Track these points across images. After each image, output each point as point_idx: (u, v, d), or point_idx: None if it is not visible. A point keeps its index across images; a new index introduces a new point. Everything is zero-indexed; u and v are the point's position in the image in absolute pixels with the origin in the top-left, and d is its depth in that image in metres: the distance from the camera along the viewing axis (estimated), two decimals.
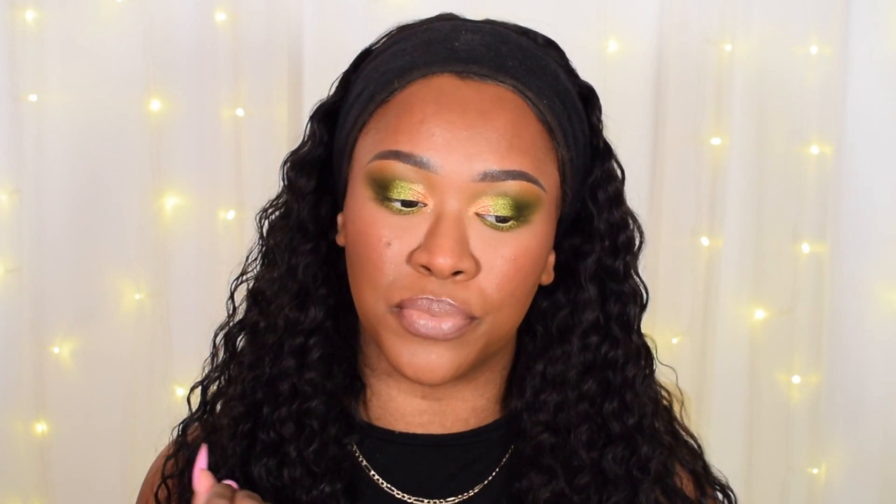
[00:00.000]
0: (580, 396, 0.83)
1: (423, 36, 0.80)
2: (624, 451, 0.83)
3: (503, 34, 0.80)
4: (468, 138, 0.74)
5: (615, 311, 0.84)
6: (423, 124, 0.74)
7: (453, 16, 0.84)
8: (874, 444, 2.02)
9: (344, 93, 0.84)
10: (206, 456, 0.78)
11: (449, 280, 0.73)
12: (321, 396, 0.83)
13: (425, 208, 0.74)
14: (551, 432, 0.83)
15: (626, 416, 0.84)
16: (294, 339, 0.83)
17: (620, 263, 0.84)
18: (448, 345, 0.75)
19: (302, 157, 0.85)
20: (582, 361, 0.83)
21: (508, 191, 0.74)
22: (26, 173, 1.98)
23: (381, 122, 0.77)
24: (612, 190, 0.84)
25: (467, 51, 0.77)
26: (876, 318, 1.99)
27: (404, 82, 0.77)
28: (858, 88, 1.95)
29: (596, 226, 0.83)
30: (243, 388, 0.85)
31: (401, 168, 0.74)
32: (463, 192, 0.74)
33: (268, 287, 0.85)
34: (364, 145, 0.77)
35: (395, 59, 0.79)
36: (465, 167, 0.73)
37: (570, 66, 0.84)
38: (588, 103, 0.84)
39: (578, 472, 0.82)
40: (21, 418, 2.02)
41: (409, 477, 0.84)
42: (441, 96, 0.75)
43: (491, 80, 0.76)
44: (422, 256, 0.73)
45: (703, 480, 0.89)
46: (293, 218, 0.84)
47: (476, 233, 0.74)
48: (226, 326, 0.89)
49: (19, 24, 1.96)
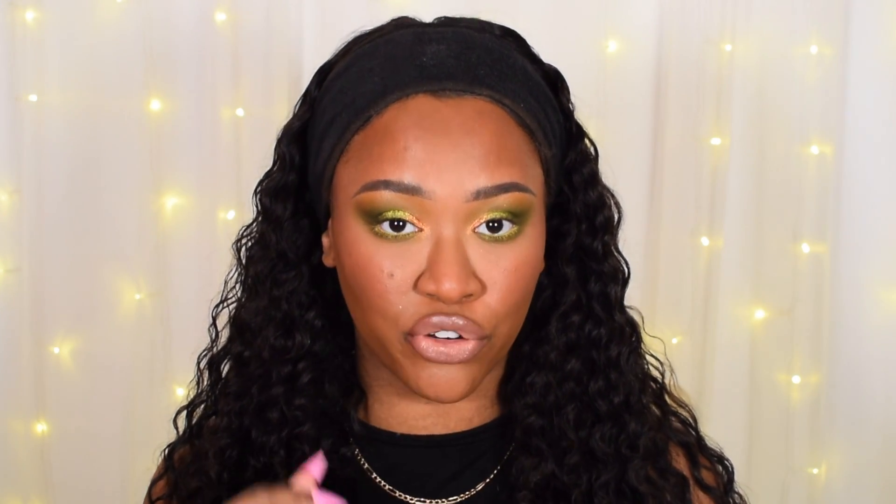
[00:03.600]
0: (565, 376, 0.83)
1: (385, 50, 0.78)
2: (612, 430, 0.83)
3: (467, 38, 0.79)
4: (455, 158, 0.73)
5: (596, 290, 0.83)
6: (408, 151, 0.73)
7: (409, 20, 0.83)
8: (874, 444, 2.02)
9: (311, 112, 0.82)
10: (321, 463, 0.76)
11: (457, 303, 0.73)
12: (311, 420, 0.83)
13: (421, 233, 0.74)
14: (539, 414, 0.82)
15: (612, 395, 0.83)
16: (282, 367, 0.83)
17: (599, 243, 0.83)
18: (462, 364, 0.75)
19: (276, 184, 0.83)
20: (564, 342, 0.83)
21: (502, 204, 0.74)
22: (26, 173, 1.98)
23: (361, 150, 0.75)
24: (586, 171, 0.83)
25: (438, 66, 0.76)
26: (876, 318, 1.99)
27: (380, 108, 0.75)
28: (858, 88, 1.95)
29: (572, 208, 0.83)
30: (229, 419, 0.84)
31: (390, 196, 0.73)
32: (458, 214, 0.73)
33: (251, 318, 0.84)
34: (346, 174, 0.76)
35: (364, 82, 0.77)
36: (458, 188, 0.73)
37: (533, 53, 0.83)
38: (556, 88, 0.83)
39: (567, 452, 0.82)
40: (21, 418, 2.02)
41: (412, 478, 0.84)
42: (421, 119, 0.74)
43: (468, 94, 0.75)
44: (429, 285, 0.73)
45: (694, 451, 0.88)
46: (272, 248, 0.83)
47: (475, 251, 0.74)
48: (209, 352, 0.89)
49: (19, 24, 1.96)
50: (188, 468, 0.87)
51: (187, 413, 0.90)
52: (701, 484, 0.87)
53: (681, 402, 0.91)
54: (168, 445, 0.91)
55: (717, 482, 0.89)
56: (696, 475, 0.87)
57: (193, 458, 0.87)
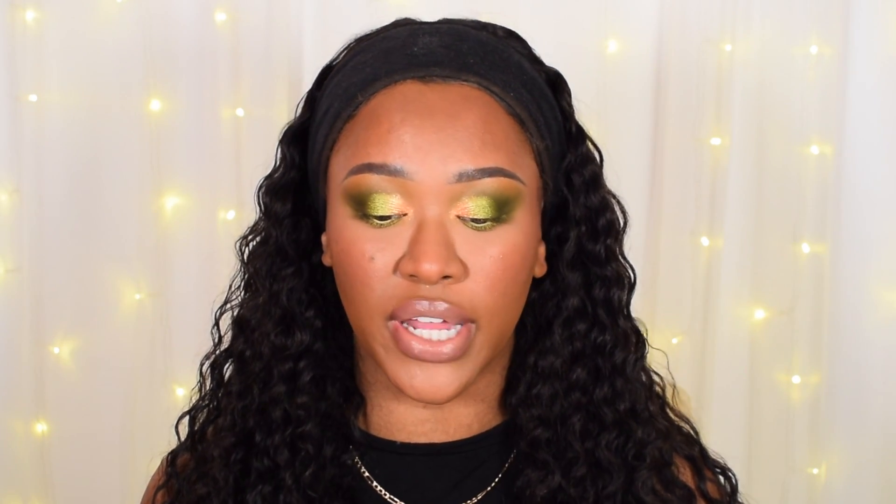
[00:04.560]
0: (571, 386, 0.82)
1: (381, 45, 0.79)
2: (618, 438, 0.82)
3: (461, 32, 0.79)
4: (439, 141, 0.73)
5: (600, 296, 0.83)
6: (392, 133, 0.73)
7: (409, 20, 0.83)
8: (874, 444, 2.02)
9: (311, 112, 0.83)
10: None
11: (439, 285, 0.73)
12: (315, 419, 0.82)
13: (405, 217, 0.74)
14: (545, 426, 0.81)
15: (618, 402, 0.82)
16: (283, 364, 0.83)
17: (602, 247, 0.82)
18: (451, 364, 0.75)
19: (276, 182, 0.84)
20: (570, 350, 0.82)
21: (486, 189, 0.73)
22: (26, 173, 1.98)
23: (350, 137, 0.76)
24: (588, 173, 0.83)
25: (427, 54, 0.76)
26: (876, 318, 1.99)
27: (368, 94, 0.76)
28: (858, 88, 1.95)
29: (572, 211, 0.82)
30: (233, 418, 0.84)
31: (375, 180, 0.73)
32: (441, 196, 0.73)
33: (251, 314, 0.84)
34: (337, 163, 0.77)
35: (356, 73, 0.78)
36: (440, 170, 0.73)
37: (534, 55, 0.83)
38: (556, 89, 0.82)
39: (573, 464, 0.81)
40: (21, 418, 2.02)
41: (413, 487, 0.83)
42: (406, 103, 0.74)
43: (454, 80, 0.75)
44: (408, 265, 0.72)
45: (700, 465, 0.88)
46: (272, 243, 0.83)
47: (460, 236, 0.74)
48: (211, 355, 0.89)
49: (19, 24, 1.96)
50: (191, 475, 0.86)
51: (190, 418, 0.90)
52: (707, 497, 0.87)
53: (683, 415, 0.90)
54: (170, 452, 0.91)
55: (721, 494, 0.88)
56: (702, 488, 0.87)
57: (197, 463, 0.86)
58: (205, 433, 0.88)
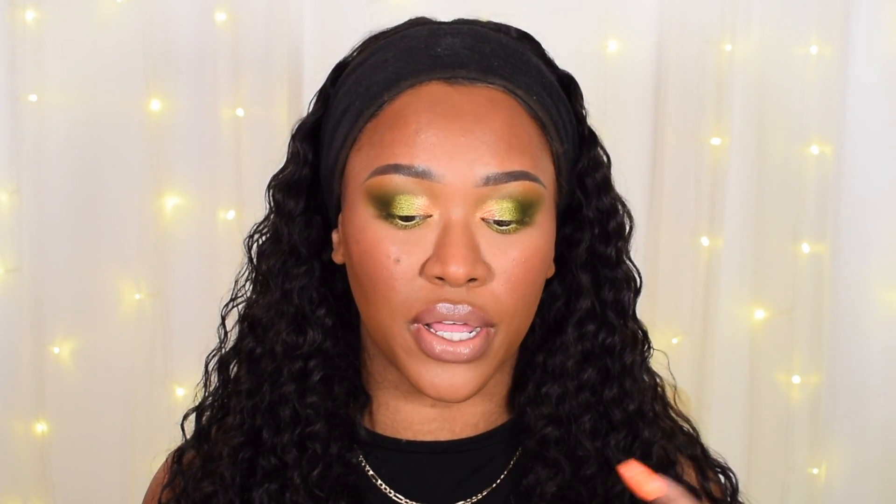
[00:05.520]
0: (580, 386, 0.83)
1: (402, 44, 0.79)
2: (626, 438, 0.83)
3: (482, 34, 0.80)
4: (466, 144, 0.73)
5: (610, 298, 0.84)
6: (419, 134, 0.73)
7: (426, 19, 0.83)
8: (874, 444, 2.02)
9: (324, 109, 0.83)
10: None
11: (463, 287, 0.73)
12: (323, 419, 0.82)
13: (430, 219, 0.74)
14: (555, 425, 0.82)
15: (626, 403, 0.83)
16: (293, 363, 0.82)
17: (612, 249, 0.83)
18: (469, 364, 0.75)
19: (288, 179, 0.83)
20: (580, 350, 0.83)
21: (512, 192, 0.74)
22: (26, 173, 1.98)
23: (373, 136, 0.76)
24: (599, 177, 0.84)
25: (452, 55, 0.77)
26: (876, 318, 1.99)
27: (393, 94, 0.76)
28: (858, 88, 1.95)
29: (585, 213, 0.83)
30: (242, 417, 0.84)
31: (401, 181, 0.73)
32: (467, 199, 0.73)
33: (263, 313, 0.84)
34: (358, 162, 0.76)
35: (378, 71, 0.78)
36: (468, 173, 0.73)
37: (548, 57, 0.84)
38: (570, 92, 0.83)
39: (583, 462, 0.82)
40: (21, 418, 2.02)
41: (418, 485, 0.83)
42: (434, 105, 0.74)
43: (480, 82, 0.76)
44: (434, 268, 0.72)
45: (703, 464, 0.89)
46: (284, 241, 0.83)
47: (484, 238, 0.74)
48: (218, 352, 0.88)
49: (19, 24, 1.96)
50: (197, 472, 0.86)
51: (196, 416, 0.89)
52: (710, 497, 0.87)
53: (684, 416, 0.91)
54: (176, 449, 0.90)
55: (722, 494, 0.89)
56: (705, 487, 0.87)
57: (204, 461, 0.86)
58: (210, 431, 0.88)
